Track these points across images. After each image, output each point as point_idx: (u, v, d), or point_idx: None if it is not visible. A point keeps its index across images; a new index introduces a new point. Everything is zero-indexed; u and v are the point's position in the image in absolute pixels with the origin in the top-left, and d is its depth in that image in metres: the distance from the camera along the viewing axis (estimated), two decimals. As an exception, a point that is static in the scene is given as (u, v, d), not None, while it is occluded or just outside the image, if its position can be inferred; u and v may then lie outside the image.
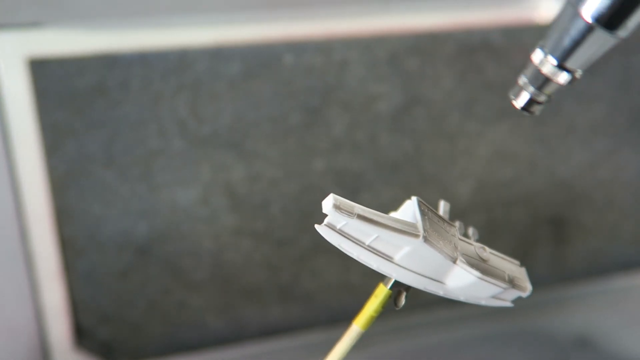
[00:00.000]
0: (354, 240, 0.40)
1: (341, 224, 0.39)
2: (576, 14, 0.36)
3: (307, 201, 0.78)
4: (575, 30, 0.36)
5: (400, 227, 0.40)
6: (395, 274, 0.41)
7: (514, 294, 0.44)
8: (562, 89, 0.38)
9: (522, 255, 0.88)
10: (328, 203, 0.39)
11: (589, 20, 0.36)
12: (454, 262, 0.41)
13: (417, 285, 0.42)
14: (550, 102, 0.40)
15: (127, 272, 0.74)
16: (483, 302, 0.43)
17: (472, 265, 0.42)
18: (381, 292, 0.43)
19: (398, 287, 0.43)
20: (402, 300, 0.42)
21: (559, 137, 0.85)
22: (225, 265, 0.77)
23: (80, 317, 0.74)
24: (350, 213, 0.39)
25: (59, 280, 0.71)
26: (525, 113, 0.40)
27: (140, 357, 0.77)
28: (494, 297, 0.43)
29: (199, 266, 0.76)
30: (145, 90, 0.70)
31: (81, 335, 0.74)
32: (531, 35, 0.80)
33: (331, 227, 0.40)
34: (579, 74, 0.38)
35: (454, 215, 0.48)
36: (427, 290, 0.42)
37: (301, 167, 0.77)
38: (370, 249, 0.40)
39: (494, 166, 0.83)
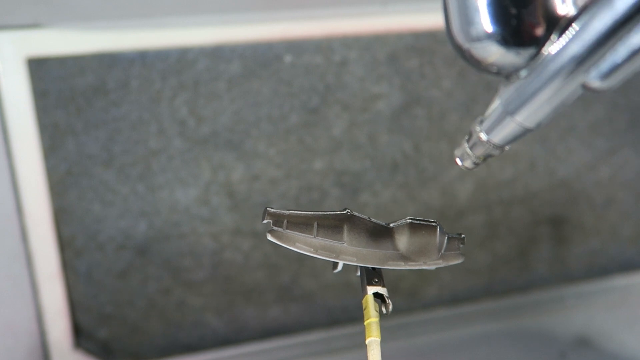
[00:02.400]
0: (304, 237, 0.44)
1: (284, 226, 0.44)
2: (509, 117, 0.43)
3: (307, 201, 0.78)
4: (508, 129, 0.44)
5: (329, 211, 0.45)
6: (355, 258, 0.44)
7: None
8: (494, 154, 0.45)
9: (522, 255, 0.89)
10: (264, 215, 0.44)
11: (527, 125, 0.43)
12: (388, 225, 0.45)
13: (379, 263, 0.45)
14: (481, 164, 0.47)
15: (127, 272, 0.74)
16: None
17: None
18: (366, 301, 0.45)
19: (367, 276, 0.45)
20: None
21: (559, 137, 0.85)
22: (225, 265, 0.77)
23: (79, 317, 0.74)
24: (283, 213, 0.44)
25: (58, 280, 0.71)
26: (463, 168, 0.47)
27: (139, 357, 0.77)
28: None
29: (198, 266, 0.76)
30: (145, 90, 0.70)
31: (80, 335, 0.74)
32: (531, 35, 0.80)
33: (277, 232, 0.43)
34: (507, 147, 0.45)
35: (453, 215, 0.48)
36: (392, 267, 0.45)
37: (301, 167, 0.77)
38: (321, 240, 0.43)
39: (494, 166, 0.83)
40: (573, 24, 0.38)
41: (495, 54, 0.40)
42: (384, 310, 0.45)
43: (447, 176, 0.81)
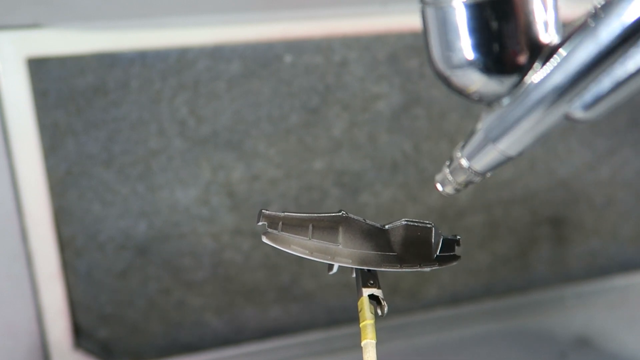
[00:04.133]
0: (299, 240, 0.44)
1: (279, 228, 0.44)
2: (491, 145, 0.43)
3: (307, 201, 0.78)
4: (490, 156, 0.44)
5: (325, 213, 0.45)
6: (350, 260, 0.45)
7: None
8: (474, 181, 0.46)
9: (522, 255, 0.89)
10: (259, 217, 0.44)
11: (509, 153, 0.42)
12: (383, 226, 0.45)
13: (374, 265, 0.45)
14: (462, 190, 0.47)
15: (127, 272, 0.74)
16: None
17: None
18: (361, 303, 0.45)
19: (363, 278, 0.46)
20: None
21: (559, 137, 0.85)
22: (225, 265, 0.77)
23: (79, 317, 0.74)
24: (278, 215, 0.44)
25: (58, 280, 0.71)
26: (444, 194, 0.48)
27: (139, 357, 0.77)
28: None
29: (198, 266, 0.76)
30: (145, 90, 0.70)
31: (80, 335, 0.74)
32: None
33: (272, 234, 0.44)
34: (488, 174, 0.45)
35: (453, 215, 0.48)
36: (387, 269, 0.45)
37: (301, 167, 0.77)
38: (316, 242, 0.44)
39: (494, 166, 0.83)
40: (556, 53, 0.37)
41: (477, 82, 0.39)
42: (379, 312, 0.45)
43: (447, 176, 0.81)
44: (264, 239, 0.44)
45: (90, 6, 0.66)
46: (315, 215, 0.45)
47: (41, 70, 0.66)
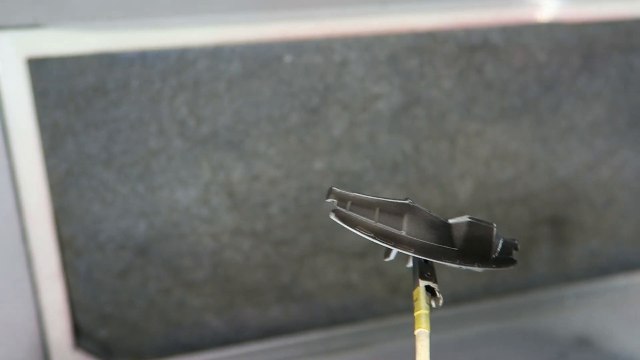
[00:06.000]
0: (365, 221, 0.43)
1: (347, 207, 0.43)
2: None
3: (307, 201, 0.78)
4: None
5: (392, 198, 0.45)
6: (412, 248, 0.44)
7: None
8: None
9: (522, 255, 0.88)
10: (328, 193, 0.44)
11: None
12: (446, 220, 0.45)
13: (434, 257, 0.45)
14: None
15: (127, 272, 0.74)
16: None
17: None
18: (417, 292, 0.46)
19: (420, 268, 0.46)
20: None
21: (559, 137, 0.85)
22: (225, 265, 0.77)
23: (79, 317, 0.74)
24: (348, 195, 0.44)
25: (58, 280, 0.71)
26: None
27: (139, 357, 0.77)
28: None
29: (198, 266, 0.76)
30: (145, 90, 0.70)
31: (80, 335, 0.74)
32: (531, 35, 0.80)
33: (340, 212, 0.43)
34: None
35: (454, 215, 0.48)
36: (445, 263, 0.45)
37: (301, 167, 0.77)
38: (381, 226, 0.43)
39: (494, 166, 0.83)
40: None
41: None
42: (433, 304, 0.46)
43: (447, 176, 0.81)
44: (332, 216, 0.43)
45: (90, 6, 0.66)
46: (383, 199, 0.44)
47: (41, 70, 0.66)
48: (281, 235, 0.78)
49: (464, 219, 0.45)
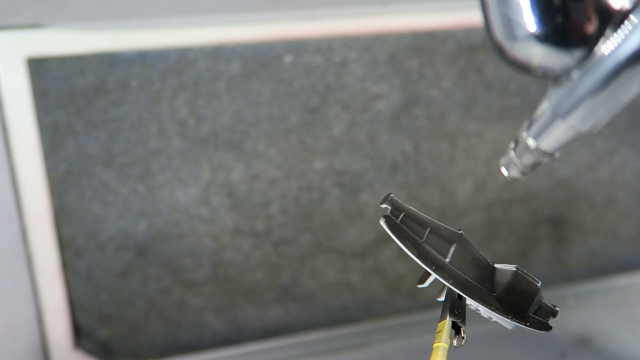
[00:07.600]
0: (412, 237, 0.43)
1: (400, 218, 0.43)
2: (560, 121, 0.41)
3: (307, 201, 0.78)
4: (559, 133, 0.42)
5: (446, 225, 0.44)
6: (450, 279, 0.43)
7: None
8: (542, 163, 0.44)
9: (522, 255, 0.89)
10: (385, 199, 0.43)
11: (581, 129, 0.41)
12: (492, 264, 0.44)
13: (470, 294, 0.44)
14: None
15: (127, 272, 0.74)
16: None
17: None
18: (443, 325, 0.45)
19: (452, 302, 0.45)
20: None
21: (559, 137, 0.85)
22: (225, 265, 0.77)
23: (79, 317, 0.74)
24: (404, 206, 0.43)
25: (58, 280, 0.71)
26: (509, 178, 0.46)
27: (139, 357, 0.77)
28: None
29: (198, 266, 0.76)
30: (145, 90, 0.70)
31: (81, 335, 0.74)
32: (531, 35, 0.80)
33: (391, 220, 0.42)
34: (557, 154, 0.44)
35: (454, 215, 0.48)
36: (479, 304, 0.44)
37: (301, 167, 0.77)
38: (427, 247, 0.43)
39: (494, 166, 0.83)
40: (629, 18, 0.34)
41: (540, 55, 0.36)
42: (455, 342, 0.44)
43: (447, 176, 0.81)
44: (382, 222, 0.42)
45: (90, 6, 0.66)
46: (437, 222, 0.44)
47: (41, 70, 0.66)
48: (281, 235, 0.78)
49: (511, 267, 0.44)
